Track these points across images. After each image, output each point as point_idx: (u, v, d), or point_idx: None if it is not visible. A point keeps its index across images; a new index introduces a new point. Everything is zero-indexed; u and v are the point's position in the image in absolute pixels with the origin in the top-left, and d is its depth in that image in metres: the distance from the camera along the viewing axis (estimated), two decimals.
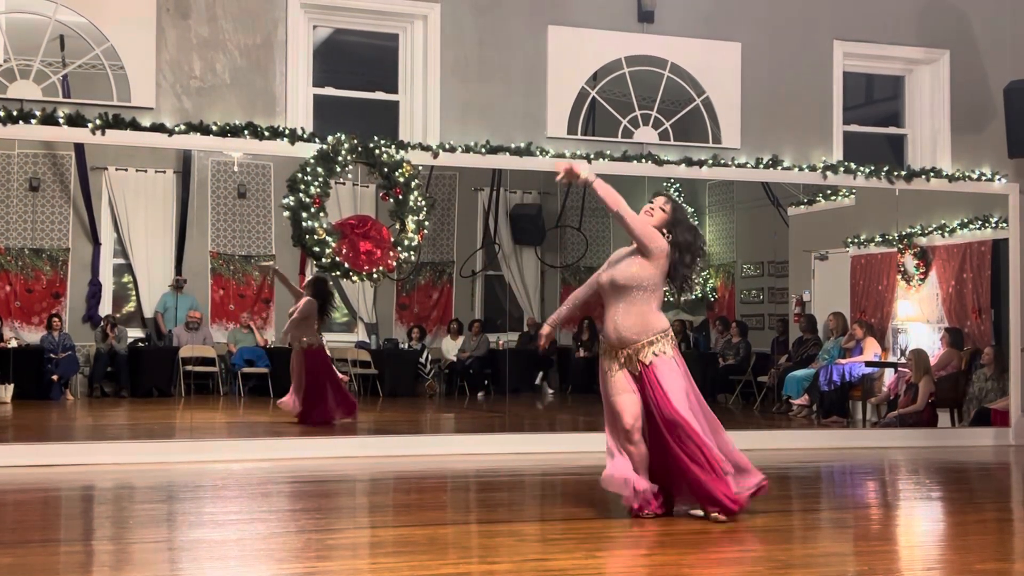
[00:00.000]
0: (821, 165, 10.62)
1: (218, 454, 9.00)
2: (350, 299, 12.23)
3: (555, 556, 5.45)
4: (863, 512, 7.20)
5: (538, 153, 9.80)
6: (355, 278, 9.32)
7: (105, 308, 11.35)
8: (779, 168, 10.55)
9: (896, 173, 10.85)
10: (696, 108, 10.49)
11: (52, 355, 10.97)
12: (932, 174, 10.91)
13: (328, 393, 10.33)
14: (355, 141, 9.29)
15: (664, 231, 6.33)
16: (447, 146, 9.67)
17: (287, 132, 9.25)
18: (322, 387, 10.31)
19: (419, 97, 9.91)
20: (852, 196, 11.51)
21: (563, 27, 10.13)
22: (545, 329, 6.77)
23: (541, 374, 12.74)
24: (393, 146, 9.47)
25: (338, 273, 9.31)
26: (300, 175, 9.08)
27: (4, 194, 11.00)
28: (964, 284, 11.38)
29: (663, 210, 6.39)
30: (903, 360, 11.30)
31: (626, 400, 6.23)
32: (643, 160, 10.17)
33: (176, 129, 9.02)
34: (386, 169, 9.36)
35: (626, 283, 6.27)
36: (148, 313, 11.48)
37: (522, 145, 9.80)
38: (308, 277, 11.48)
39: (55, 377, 10.99)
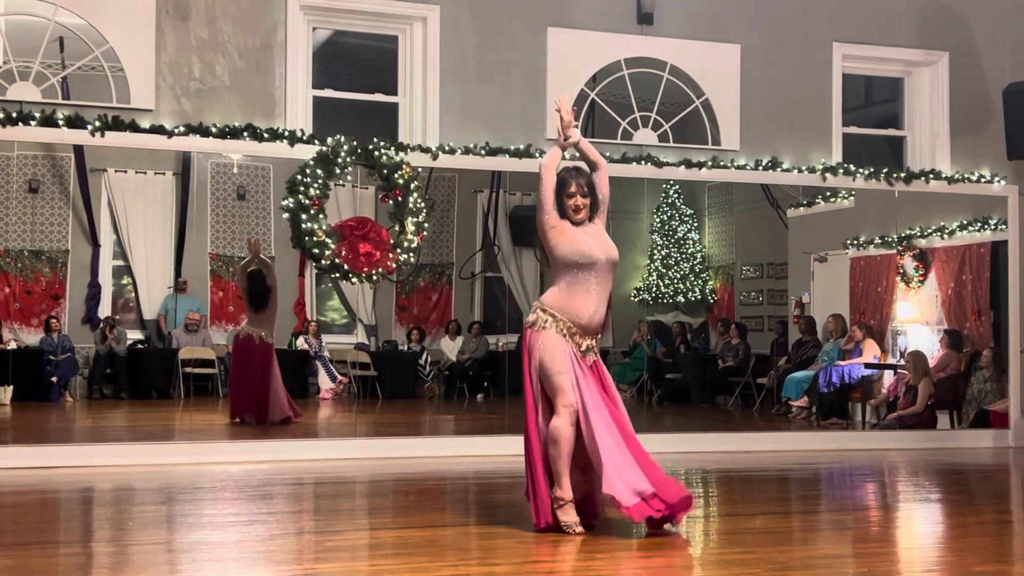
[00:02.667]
0: (820, 167, 10.63)
1: (217, 456, 9.01)
2: (349, 301, 12.23)
3: (554, 558, 5.45)
4: (862, 514, 7.20)
5: (537, 155, 9.80)
6: (354, 280, 9.32)
7: (104, 310, 11.34)
8: (778, 170, 10.56)
9: (895, 175, 10.86)
10: (695, 110, 10.50)
11: (51, 357, 10.97)
12: (931, 176, 10.92)
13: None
14: (354, 143, 9.29)
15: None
16: (446, 148, 9.68)
17: (286, 134, 9.25)
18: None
19: (418, 99, 9.92)
20: (851, 198, 11.51)
21: (562, 29, 10.14)
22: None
23: None
24: (392, 148, 9.48)
25: (337, 275, 9.31)
26: (299, 177, 9.09)
27: (3, 196, 10.99)
28: (963, 286, 11.39)
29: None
30: (902, 362, 11.31)
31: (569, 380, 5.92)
32: (642, 162, 10.18)
33: (175, 131, 9.03)
34: (385, 171, 9.37)
35: (616, 260, 6.13)
36: (147, 315, 11.47)
37: (521, 147, 9.81)
38: (308, 279, 11.48)
39: (54, 379, 10.98)
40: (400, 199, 9.37)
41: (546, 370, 5.90)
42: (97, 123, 8.83)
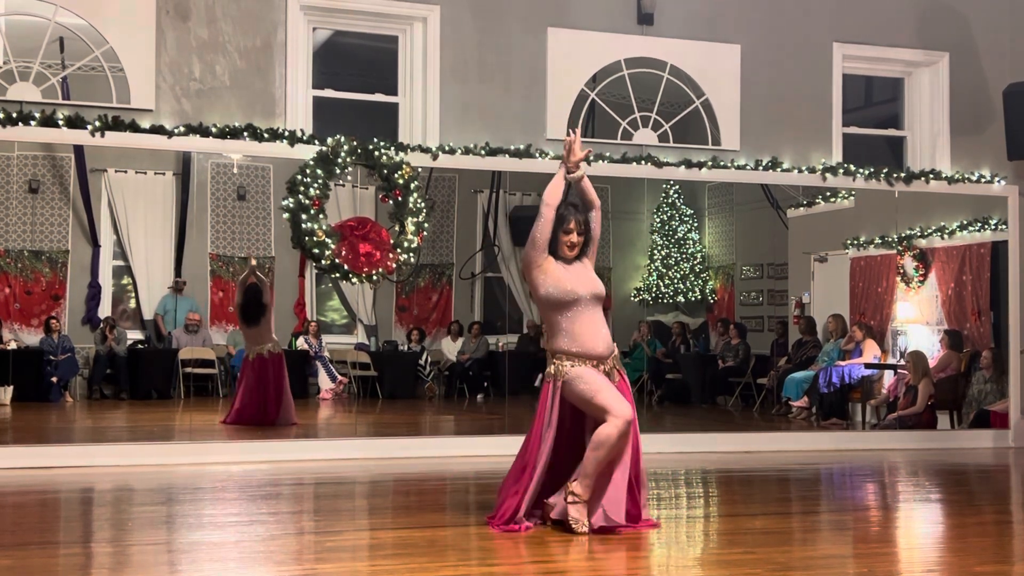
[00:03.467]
0: (821, 167, 10.63)
1: (217, 456, 9.01)
2: (349, 301, 12.23)
3: (554, 558, 5.45)
4: (862, 514, 7.20)
5: (538, 155, 9.81)
6: (354, 280, 9.32)
7: (104, 310, 11.34)
8: (779, 170, 10.56)
9: (895, 175, 10.86)
10: (696, 110, 10.50)
11: (51, 357, 10.96)
12: (931, 176, 10.92)
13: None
14: (354, 143, 9.29)
15: None
16: (446, 148, 9.68)
17: (287, 134, 9.25)
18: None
19: (418, 99, 9.92)
20: (852, 198, 11.51)
21: (562, 29, 10.14)
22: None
23: (540, 376, 12.71)
24: (392, 148, 9.48)
25: (337, 275, 9.31)
26: (300, 177, 9.09)
27: (3, 196, 10.99)
28: (963, 286, 11.39)
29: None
30: (902, 362, 11.31)
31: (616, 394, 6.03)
32: (642, 162, 10.17)
33: (175, 131, 9.03)
34: (385, 171, 9.37)
35: (602, 295, 6.21)
36: (147, 315, 11.47)
37: (521, 147, 9.81)
38: (308, 279, 11.48)
39: (54, 379, 10.98)
40: (400, 199, 9.37)
41: (587, 396, 5.96)
42: (97, 123, 8.83)
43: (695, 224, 12.88)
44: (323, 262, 9.11)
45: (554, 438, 6.05)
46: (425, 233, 9.50)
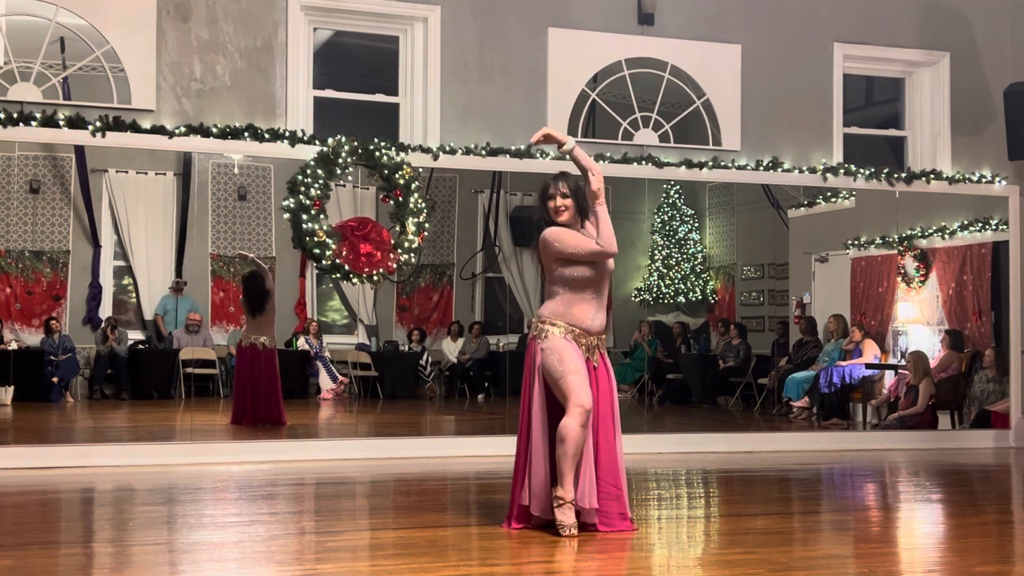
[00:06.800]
0: (821, 167, 10.63)
1: (218, 456, 9.01)
2: (350, 301, 12.23)
3: (554, 558, 5.45)
4: (863, 514, 7.20)
5: (538, 155, 9.81)
6: (355, 280, 9.33)
7: (105, 310, 11.34)
8: (779, 170, 10.56)
9: (896, 175, 10.86)
10: (696, 110, 10.50)
11: (52, 357, 10.97)
12: (932, 176, 10.93)
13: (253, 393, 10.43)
14: (355, 143, 9.29)
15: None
16: (447, 148, 9.68)
17: (287, 134, 9.25)
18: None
19: (419, 99, 9.93)
20: (852, 198, 11.51)
21: (563, 29, 10.14)
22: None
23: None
24: (393, 148, 9.48)
25: (338, 275, 9.32)
26: (300, 177, 9.09)
27: (4, 196, 10.99)
28: (964, 286, 11.38)
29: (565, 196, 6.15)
30: (903, 362, 11.31)
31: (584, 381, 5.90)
32: (643, 162, 10.18)
33: (176, 131, 9.03)
34: (386, 171, 9.37)
35: (610, 272, 6.16)
36: (148, 315, 11.47)
37: (522, 147, 9.81)
38: (308, 279, 11.48)
39: (55, 379, 10.98)
40: (401, 199, 9.37)
41: (555, 373, 5.86)
42: (98, 123, 8.84)
43: (696, 224, 12.88)
44: (324, 262, 9.11)
45: (544, 404, 5.93)
46: (426, 233, 9.50)
